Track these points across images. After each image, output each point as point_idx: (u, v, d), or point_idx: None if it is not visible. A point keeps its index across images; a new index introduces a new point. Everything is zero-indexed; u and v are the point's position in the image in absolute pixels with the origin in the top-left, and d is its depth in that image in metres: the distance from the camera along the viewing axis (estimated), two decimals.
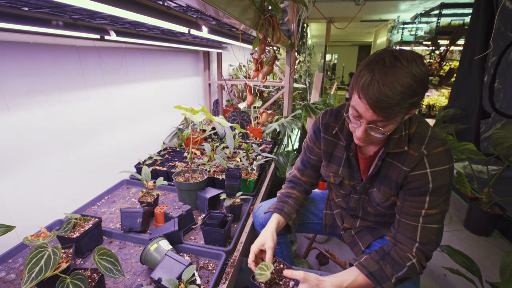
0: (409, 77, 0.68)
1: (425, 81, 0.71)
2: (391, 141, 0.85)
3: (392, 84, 0.68)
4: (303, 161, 1.17)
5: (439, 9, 3.87)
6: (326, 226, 1.25)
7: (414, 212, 0.85)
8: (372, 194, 0.97)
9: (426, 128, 0.85)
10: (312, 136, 1.09)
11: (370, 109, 0.72)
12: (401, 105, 0.69)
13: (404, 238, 0.87)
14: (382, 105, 0.70)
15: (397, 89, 0.68)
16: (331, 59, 13.57)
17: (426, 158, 0.81)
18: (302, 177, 1.18)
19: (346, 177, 1.02)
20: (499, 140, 1.99)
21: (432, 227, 0.84)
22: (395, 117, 0.73)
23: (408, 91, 0.68)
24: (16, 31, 1.00)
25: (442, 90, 4.61)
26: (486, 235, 2.19)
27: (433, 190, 0.81)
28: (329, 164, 1.06)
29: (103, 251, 0.81)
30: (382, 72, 0.69)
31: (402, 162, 0.85)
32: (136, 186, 1.60)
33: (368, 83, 0.70)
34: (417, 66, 0.69)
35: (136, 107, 1.79)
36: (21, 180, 1.12)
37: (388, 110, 0.70)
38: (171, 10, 0.98)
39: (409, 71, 0.68)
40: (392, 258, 0.86)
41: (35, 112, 1.15)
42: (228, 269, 0.99)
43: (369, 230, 1.10)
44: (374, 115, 0.73)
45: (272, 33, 1.42)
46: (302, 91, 4.11)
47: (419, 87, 0.70)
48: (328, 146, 1.04)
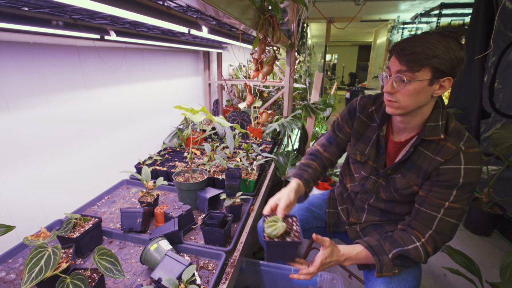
0: (436, 39, 0.76)
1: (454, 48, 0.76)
2: (427, 128, 0.88)
3: (418, 39, 0.78)
4: (329, 138, 1.21)
5: (439, 9, 3.87)
6: (330, 225, 1.26)
7: (438, 203, 0.87)
8: (394, 179, 0.98)
9: (463, 129, 0.89)
10: (346, 115, 1.13)
11: (396, 58, 0.81)
12: (422, 54, 0.76)
13: (420, 225, 0.89)
14: (405, 51, 0.78)
15: (420, 42, 0.77)
16: (331, 59, 13.56)
17: (463, 154, 0.83)
18: (324, 153, 1.21)
19: (372, 157, 1.04)
20: (499, 140, 1.99)
21: (450, 221, 0.86)
22: (417, 68, 0.77)
23: (431, 46, 0.76)
24: (16, 31, 1.00)
25: None
26: (486, 235, 2.19)
27: (462, 185, 0.83)
28: (357, 143, 1.09)
29: (103, 251, 0.81)
30: (414, 35, 0.81)
31: (436, 153, 0.87)
32: (136, 186, 1.60)
33: (399, 41, 0.82)
34: (450, 40, 0.77)
35: (136, 107, 1.79)
36: (21, 180, 1.12)
37: (410, 57, 0.77)
38: (171, 10, 0.98)
39: (440, 40, 0.76)
40: (393, 238, 0.90)
41: (35, 112, 1.15)
42: (228, 269, 0.99)
43: (374, 227, 1.12)
44: (399, 64, 0.80)
45: (272, 33, 1.42)
46: (302, 91, 4.11)
47: (446, 49, 0.76)
48: (361, 126, 1.08)
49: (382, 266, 0.87)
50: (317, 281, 1.19)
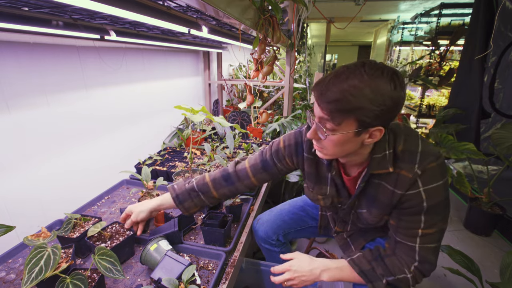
0: (363, 82, 0.64)
1: (383, 93, 0.64)
2: (373, 161, 0.79)
3: (341, 82, 0.65)
4: (265, 163, 1.02)
5: (439, 9, 3.86)
6: (321, 228, 1.25)
7: (411, 232, 0.81)
8: (363, 215, 0.94)
9: (415, 143, 0.78)
10: (291, 146, 0.97)
11: (316, 101, 0.71)
12: (344, 103, 0.65)
13: (403, 256, 0.85)
14: (324, 98, 0.67)
15: (342, 87, 0.65)
16: (331, 59, 13.56)
17: (419, 178, 0.75)
18: (252, 178, 1.03)
19: (335, 195, 0.97)
20: (499, 140, 1.99)
21: (430, 247, 0.81)
22: (338, 119, 0.68)
23: (356, 93, 0.64)
24: (16, 31, 1.00)
25: (442, 90, 4.60)
26: (486, 235, 2.19)
27: (428, 209, 0.76)
28: (315, 186, 0.99)
29: (103, 251, 0.81)
30: (340, 72, 0.67)
31: (394, 185, 0.79)
32: (136, 186, 1.60)
33: (321, 79, 0.70)
34: (381, 78, 0.64)
35: (136, 107, 1.79)
36: (21, 180, 1.12)
37: (330, 105, 0.67)
38: (171, 10, 0.98)
39: (368, 77, 0.64)
40: (385, 264, 0.85)
41: (35, 112, 1.15)
42: (228, 269, 0.99)
43: (361, 234, 1.09)
44: (320, 110, 0.70)
45: (272, 33, 1.42)
46: (302, 91, 4.11)
47: (372, 96, 0.63)
48: (312, 167, 0.96)
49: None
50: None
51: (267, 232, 1.24)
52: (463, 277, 1.36)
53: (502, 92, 2.43)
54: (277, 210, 1.31)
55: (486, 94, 2.52)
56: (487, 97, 2.52)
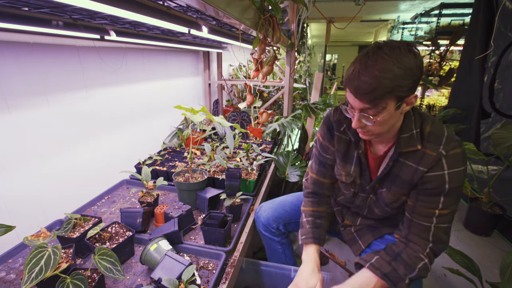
0: (388, 63, 0.69)
1: (409, 66, 0.70)
2: (402, 140, 0.84)
3: (370, 70, 0.70)
4: (321, 163, 1.10)
5: (439, 9, 3.86)
6: None
7: (428, 212, 0.85)
8: (382, 194, 0.96)
9: (441, 128, 0.84)
10: (326, 134, 1.04)
11: (354, 97, 0.76)
12: (381, 89, 0.70)
13: (418, 238, 0.87)
14: (361, 91, 0.72)
15: (374, 74, 0.70)
16: (331, 59, 13.56)
17: (445, 158, 0.80)
18: (325, 180, 1.11)
19: (357, 176, 1.00)
20: (499, 140, 1.99)
21: (443, 227, 0.85)
22: (383, 102, 0.73)
23: (388, 75, 0.69)
24: (16, 31, 1.00)
25: (442, 90, 4.60)
26: (486, 235, 2.19)
27: (448, 191, 0.81)
28: (341, 163, 1.02)
29: (103, 251, 0.81)
30: (363, 62, 0.72)
31: (418, 162, 0.83)
32: (136, 186, 1.60)
33: (350, 74, 0.74)
34: (401, 53, 0.70)
35: (136, 107, 1.79)
36: (21, 180, 1.12)
37: (370, 96, 0.72)
38: (171, 10, 0.98)
39: (390, 57, 0.70)
40: (404, 260, 0.86)
41: (35, 112, 1.15)
42: (228, 269, 0.99)
43: (370, 229, 1.10)
44: (360, 102, 0.75)
45: (272, 33, 1.42)
46: (302, 91, 4.11)
47: (402, 72, 0.70)
48: (342, 145, 1.00)
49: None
50: None
51: (268, 219, 1.24)
52: (463, 277, 1.36)
53: (502, 92, 2.43)
54: (280, 200, 1.32)
55: (486, 94, 2.52)
56: (487, 97, 2.52)
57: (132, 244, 1.06)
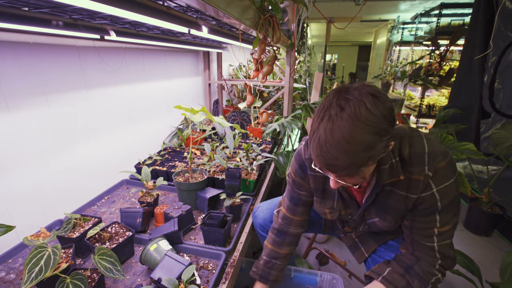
0: (358, 130, 0.59)
1: (380, 125, 0.61)
2: (383, 172, 0.77)
3: (340, 144, 0.60)
4: (293, 199, 1.04)
5: (439, 9, 3.86)
6: (325, 227, 1.25)
7: (427, 232, 0.82)
8: (375, 223, 0.92)
9: (421, 145, 0.77)
10: (298, 171, 0.98)
11: (329, 172, 0.69)
12: (357, 162, 0.63)
13: (425, 256, 0.85)
14: (337, 168, 0.64)
15: (346, 149, 0.60)
16: (331, 59, 13.56)
17: (431, 179, 0.76)
18: (295, 217, 1.07)
19: (342, 208, 0.96)
20: (499, 140, 1.99)
21: (447, 243, 0.83)
22: (361, 172, 0.66)
23: (361, 146, 0.61)
24: (16, 31, 1.00)
25: (442, 90, 4.60)
26: (486, 235, 2.19)
27: (443, 208, 0.77)
28: (324, 201, 0.98)
29: (103, 251, 0.81)
30: (329, 129, 0.62)
31: (406, 190, 0.79)
32: (136, 186, 1.60)
33: (317, 148, 0.64)
34: (368, 111, 0.60)
35: (136, 107, 1.79)
36: (21, 180, 1.12)
37: (347, 171, 0.65)
38: (171, 10, 0.98)
39: (358, 121, 0.60)
40: (418, 273, 0.84)
41: (35, 112, 1.15)
42: (228, 269, 0.99)
43: (372, 235, 1.07)
44: (335, 175, 0.70)
45: (272, 33, 1.42)
46: (302, 91, 4.11)
47: (374, 135, 0.61)
48: (318, 182, 0.95)
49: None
50: (317, 281, 1.19)
51: (265, 220, 1.24)
52: (463, 277, 1.36)
53: (502, 92, 2.43)
54: (278, 200, 1.31)
55: (486, 94, 2.52)
56: (487, 97, 2.51)
57: (132, 244, 1.07)
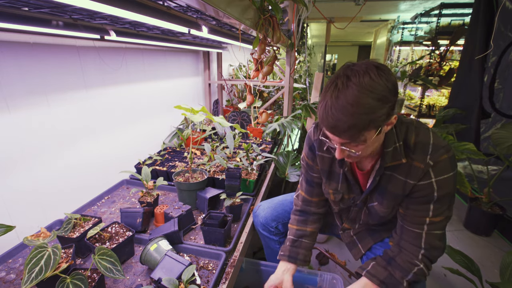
0: (362, 94, 0.65)
1: (383, 93, 0.66)
2: (386, 154, 0.81)
3: (344, 106, 0.66)
4: (308, 181, 1.10)
5: (439, 9, 3.86)
6: (324, 225, 1.25)
7: (418, 220, 0.84)
8: (374, 207, 0.95)
9: (426, 135, 0.81)
10: (309, 153, 1.03)
11: (332, 134, 0.73)
12: (359, 124, 0.67)
13: (409, 245, 0.87)
14: (340, 129, 0.69)
15: (349, 110, 0.65)
16: (331, 59, 13.57)
17: (432, 168, 0.78)
18: (313, 198, 1.11)
19: (346, 192, 0.99)
20: (499, 140, 1.99)
21: (436, 233, 0.84)
22: (362, 136, 0.70)
23: (363, 109, 0.65)
24: (16, 31, 1.00)
25: (442, 90, 4.60)
26: (486, 235, 2.19)
27: (438, 199, 0.80)
28: (327, 181, 1.02)
29: (103, 251, 0.81)
30: (334, 96, 0.68)
31: (406, 175, 0.82)
32: (136, 186, 1.60)
33: (323, 112, 0.70)
34: (372, 80, 0.66)
35: (136, 107, 1.79)
36: (21, 180, 1.12)
37: (349, 132, 0.68)
38: (171, 10, 0.98)
39: (362, 88, 0.65)
40: (399, 264, 0.86)
41: (35, 112, 1.15)
42: (228, 269, 0.99)
43: (369, 233, 1.09)
44: (339, 138, 0.73)
45: (272, 33, 1.42)
46: (302, 91, 4.11)
47: (377, 101, 0.66)
48: (325, 163, 0.99)
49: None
50: (317, 281, 1.19)
51: (267, 218, 1.24)
52: (463, 277, 1.36)
53: (502, 92, 2.43)
54: (279, 200, 1.32)
55: (486, 94, 2.52)
56: (487, 97, 2.51)
57: (132, 244, 1.07)
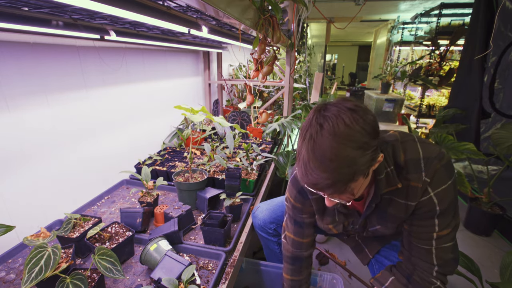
0: (339, 146, 0.59)
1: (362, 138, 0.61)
2: (380, 182, 0.77)
3: (322, 163, 0.60)
4: (297, 222, 1.04)
5: (439, 9, 3.87)
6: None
7: (426, 236, 0.81)
8: (378, 230, 0.92)
9: (415, 150, 0.76)
10: (297, 197, 0.97)
11: (316, 191, 0.68)
12: (343, 179, 0.62)
13: (421, 262, 0.83)
14: (322, 186, 0.64)
15: (329, 167, 0.60)
16: (331, 59, 13.56)
17: (429, 185, 0.75)
18: (304, 240, 1.06)
19: (344, 219, 0.97)
20: (499, 140, 1.99)
21: (447, 246, 0.80)
22: (349, 188, 0.65)
23: (344, 163, 0.60)
24: (16, 31, 1.00)
25: (442, 90, 4.61)
26: (486, 235, 2.19)
27: (441, 212, 0.76)
28: (324, 218, 0.98)
29: (103, 251, 0.81)
30: (311, 149, 0.62)
31: (405, 198, 0.79)
32: (136, 186, 1.60)
33: (302, 169, 0.65)
34: (347, 126, 0.60)
35: (136, 107, 1.79)
36: (21, 180, 1.12)
37: (333, 188, 0.64)
38: (171, 10, 0.98)
39: (338, 137, 0.59)
40: (417, 282, 0.84)
41: (35, 112, 1.15)
42: (228, 269, 0.99)
43: (375, 237, 1.07)
44: (324, 193, 0.69)
45: (272, 33, 1.42)
46: (302, 91, 4.11)
47: (356, 150, 0.60)
48: (319, 203, 0.95)
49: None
50: (317, 281, 1.19)
51: (265, 220, 1.24)
52: (463, 277, 1.36)
53: (502, 92, 2.43)
54: (277, 201, 1.32)
55: (486, 94, 2.52)
56: (487, 97, 2.51)
57: (132, 244, 1.07)
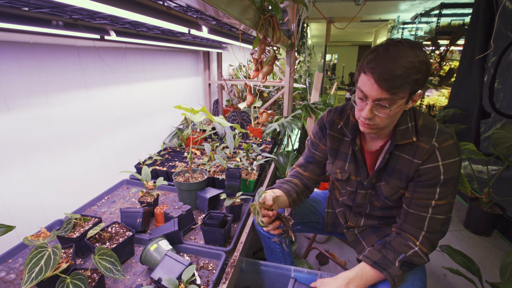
0: (411, 55, 0.73)
1: (426, 63, 0.74)
2: (398, 132, 0.87)
3: (395, 58, 0.72)
4: (307, 158, 1.17)
5: (439, 9, 3.87)
6: (327, 225, 1.26)
7: (424, 203, 0.87)
8: (380, 187, 0.98)
9: (433, 122, 0.88)
10: (317, 132, 1.11)
11: (376, 83, 0.75)
12: (404, 78, 0.72)
13: (411, 228, 0.90)
14: (386, 76, 0.73)
15: (399, 62, 0.72)
16: (331, 59, 13.56)
17: (438, 151, 0.83)
18: (304, 173, 1.17)
19: (353, 172, 1.03)
20: (499, 140, 1.99)
21: (440, 218, 0.87)
22: (399, 93, 0.74)
23: (411, 66, 0.72)
24: (16, 31, 1.00)
25: (442, 90, 4.61)
26: (486, 235, 2.19)
27: (444, 182, 0.84)
28: (335, 161, 1.07)
29: (103, 251, 0.81)
30: (385, 50, 0.75)
31: (413, 155, 0.87)
32: (136, 186, 1.60)
33: (373, 58, 0.75)
34: (418, 49, 0.74)
35: (136, 107, 1.79)
36: (21, 180, 1.12)
37: (392, 82, 0.73)
38: (171, 10, 0.98)
39: (411, 51, 0.73)
40: (392, 246, 0.89)
41: (35, 112, 1.15)
42: (228, 269, 0.99)
43: (373, 230, 1.11)
44: (379, 89, 0.75)
45: (272, 33, 1.42)
46: (302, 91, 4.11)
47: (421, 66, 0.73)
48: (334, 143, 1.06)
49: (394, 278, 0.85)
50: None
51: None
52: (463, 277, 1.36)
53: (502, 92, 2.43)
54: None
55: (486, 94, 2.52)
56: (487, 97, 2.52)
57: (132, 244, 1.07)
